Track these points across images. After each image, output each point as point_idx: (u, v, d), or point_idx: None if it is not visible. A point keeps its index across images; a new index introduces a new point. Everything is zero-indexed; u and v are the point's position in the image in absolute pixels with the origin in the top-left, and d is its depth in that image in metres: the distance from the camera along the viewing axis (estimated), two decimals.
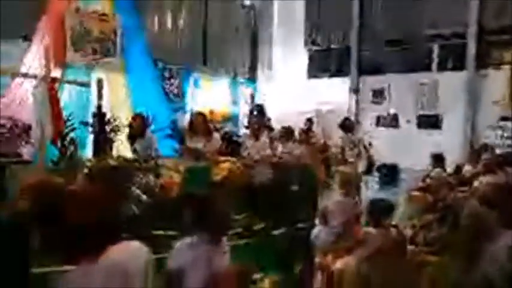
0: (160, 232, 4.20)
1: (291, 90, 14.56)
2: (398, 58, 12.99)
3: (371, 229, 3.21)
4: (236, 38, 14.35)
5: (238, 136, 10.46)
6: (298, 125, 8.04)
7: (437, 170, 6.19)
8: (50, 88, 6.55)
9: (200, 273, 2.25)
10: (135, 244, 1.85)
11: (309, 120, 7.70)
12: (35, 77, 6.87)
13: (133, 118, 5.77)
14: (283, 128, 5.99)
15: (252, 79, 15.08)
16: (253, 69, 15.16)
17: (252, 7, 15.00)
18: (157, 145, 5.80)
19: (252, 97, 14.01)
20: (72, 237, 1.69)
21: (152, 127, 6.96)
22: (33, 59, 7.55)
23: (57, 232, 1.83)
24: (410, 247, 3.46)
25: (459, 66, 11.65)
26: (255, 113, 11.93)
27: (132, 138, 5.72)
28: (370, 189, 7.21)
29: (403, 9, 12.44)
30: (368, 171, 6.72)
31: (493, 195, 2.87)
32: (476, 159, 6.72)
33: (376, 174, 8.96)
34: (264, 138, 5.91)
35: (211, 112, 8.40)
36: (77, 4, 8.50)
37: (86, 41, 8.56)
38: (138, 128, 5.62)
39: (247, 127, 6.89)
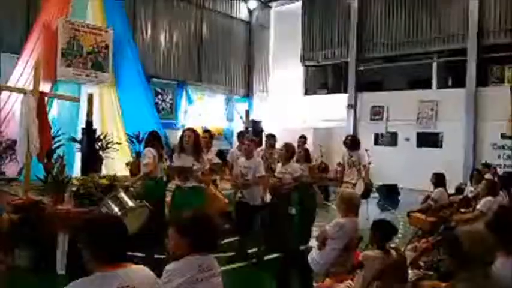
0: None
1: (287, 106, 14.39)
2: (398, 75, 12.88)
3: (370, 252, 3.00)
4: (232, 54, 14.26)
5: None
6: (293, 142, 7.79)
7: (439, 189, 5.98)
8: (38, 103, 6.33)
9: None
10: (143, 268, 1.95)
11: (302, 137, 7.22)
12: (23, 91, 6.66)
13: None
14: (284, 145, 5.54)
15: (248, 95, 14.93)
16: (248, 85, 15.03)
17: (248, 23, 14.96)
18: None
19: (247, 113, 13.82)
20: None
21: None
22: (22, 72, 7.35)
23: None
24: (411, 271, 3.24)
25: (459, 83, 11.51)
26: (249, 129, 11.72)
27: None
28: (369, 211, 6.93)
29: (402, 26, 12.40)
30: (365, 194, 6.45)
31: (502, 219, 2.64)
32: (478, 179, 6.53)
33: (375, 194, 8.72)
34: (258, 157, 5.62)
35: (205, 129, 8.11)
36: (69, 16, 8.32)
37: (77, 54, 8.36)
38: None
39: (240, 144, 6.54)
